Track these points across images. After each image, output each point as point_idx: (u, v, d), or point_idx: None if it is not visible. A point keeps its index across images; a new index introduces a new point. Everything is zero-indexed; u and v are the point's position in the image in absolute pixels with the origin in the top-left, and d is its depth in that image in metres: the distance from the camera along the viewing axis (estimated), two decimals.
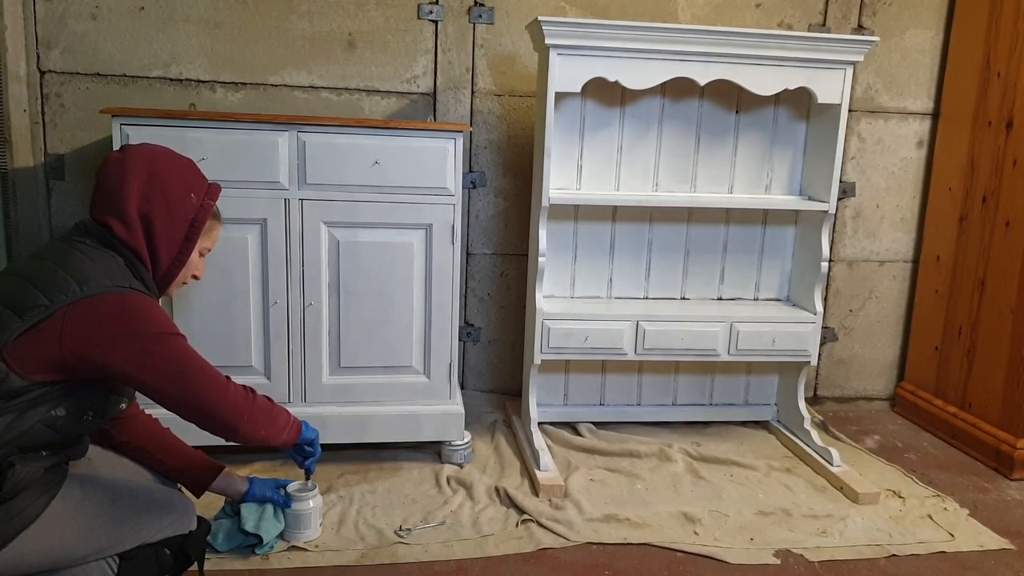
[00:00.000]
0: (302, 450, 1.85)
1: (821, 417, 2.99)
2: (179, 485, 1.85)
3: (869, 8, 2.91)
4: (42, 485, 1.46)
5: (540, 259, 2.48)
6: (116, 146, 2.09)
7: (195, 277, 1.70)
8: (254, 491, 1.93)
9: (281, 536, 1.96)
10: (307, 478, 1.96)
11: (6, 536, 1.40)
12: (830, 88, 2.46)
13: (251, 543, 1.91)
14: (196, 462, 1.86)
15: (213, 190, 1.66)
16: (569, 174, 2.64)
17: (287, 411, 1.71)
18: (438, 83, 2.76)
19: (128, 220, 1.53)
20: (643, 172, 2.67)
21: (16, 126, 2.49)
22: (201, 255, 1.69)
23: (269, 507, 1.92)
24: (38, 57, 2.53)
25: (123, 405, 1.62)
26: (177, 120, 2.15)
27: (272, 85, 2.67)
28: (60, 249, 1.50)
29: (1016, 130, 2.61)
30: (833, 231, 3.04)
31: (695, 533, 2.11)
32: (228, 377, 1.55)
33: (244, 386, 1.59)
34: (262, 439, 1.61)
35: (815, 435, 2.62)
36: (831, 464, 2.48)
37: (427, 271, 2.34)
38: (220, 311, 2.26)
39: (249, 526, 1.89)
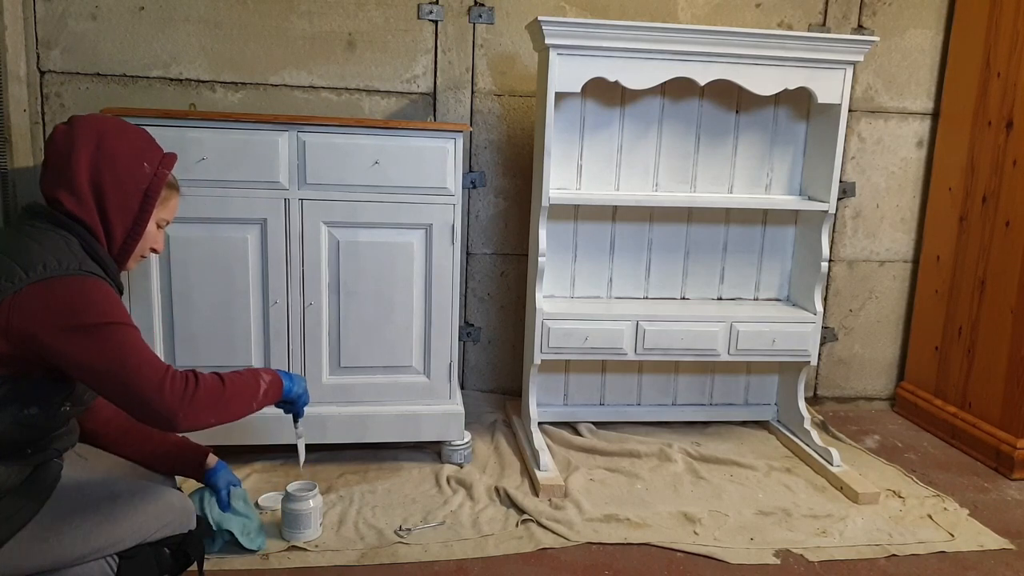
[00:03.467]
0: (286, 406, 1.77)
1: (821, 417, 2.99)
2: (174, 482, 1.84)
3: (869, 8, 2.91)
4: (35, 485, 1.45)
5: (540, 259, 2.48)
6: None
7: (154, 251, 1.65)
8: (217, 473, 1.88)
9: (280, 535, 1.97)
10: (295, 424, 1.85)
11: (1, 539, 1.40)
12: (830, 88, 2.46)
13: (226, 540, 1.88)
14: (186, 446, 1.85)
15: (168, 159, 1.60)
16: (569, 174, 2.64)
17: (255, 381, 1.61)
18: (438, 83, 2.76)
19: (78, 192, 1.48)
20: (643, 172, 2.67)
21: (16, 126, 2.49)
22: (159, 227, 1.64)
23: (213, 500, 1.88)
24: (38, 57, 2.53)
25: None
26: (177, 120, 2.15)
27: (272, 85, 2.67)
28: (6, 235, 1.46)
29: (1016, 130, 2.61)
30: (833, 231, 3.04)
31: (695, 533, 2.11)
32: (168, 368, 1.46)
33: (191, 375, 1.49)
34: (214, 425, 1.53)
35: (815, 435, 2.62)
36: (831, 464, 2.48)
37: (427, 271, 2.34)
38: (220, 311, 2.26)
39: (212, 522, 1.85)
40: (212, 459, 1.90)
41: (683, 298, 2.80)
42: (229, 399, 1.54)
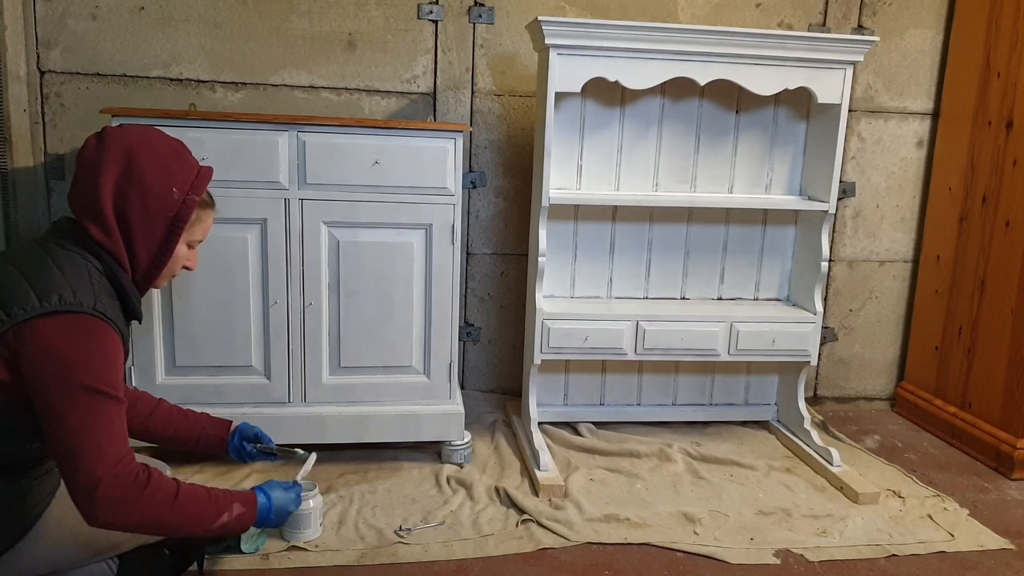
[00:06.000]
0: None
1: (821, 417, 2.99)
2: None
3: (869, 8, 2.91)
4: (34, 494, 1.45)
5: (540, 259, 2.48)
6: None
7: (187, 268, 1.60)
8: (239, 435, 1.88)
9: (281, 535, 1.96)
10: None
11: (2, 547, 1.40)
12: (830, 88, 2.46)
13: (231, 543, 1.88)
14: (207, 424, 1.86)
15: (200, 181, 1.52)
16: (569, 174, 2.64)
17: (217, 511, 1.50)
18: (438, 83, 2.76)
19: (104, 221, 1.43)
20: (643, 172, 2.67)
21: (16, 126, 2.49)
22: (191, 247, 1.58)
23: None
24: (38, 57, 2.53)
25: None
26: (177, 120, 2.15)
27: (272, 85, 2.67)
28: (31, 253, 1.41)
29: (1016, 130, 2.61)
30: (833, 231, 3.04)
31: (695, 533, 2.11)
32: (129, 452, 1.39)
33: (143, 469, 1.40)
34: (136, 531, 1.42)
35: (815, 435, 2.62)
36: (831, 464, 2.48)
37: (427, 271, 2.34)
38: (220, 311, 2.26)
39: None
40: (233, 426, 1.89)
41: (683, 298, 2.80)
42: (170, 515, 1.42)
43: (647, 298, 2.78)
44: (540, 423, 2.71)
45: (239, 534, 1.62)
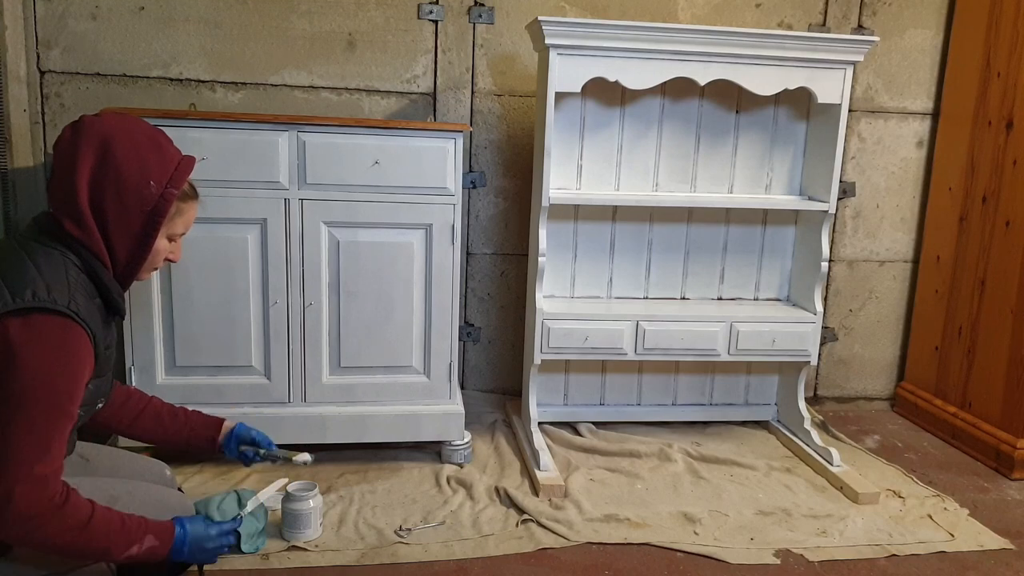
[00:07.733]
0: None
1: (821, 417, 2.99)
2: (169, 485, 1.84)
3: (869, 8, 2.91)
4: None
5: (540, 259, 2.48)
6: None
7: (170, 260, 1.56)
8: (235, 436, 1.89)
9: (281, 535, 1.96)
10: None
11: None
12: (830, 88, 2.46)
13: (231, 543, 1.87)
14: (196, 424, 1.87)
15: (179, 173, 1.47)
16: (569, 174, 2.64)
17: (130, 540, 1.44)
18: (438, 83, 2.76)
19: (80, 217, 1.39)
20: (643, 172, 2.67)
21: (16, 126, 2.49)
22: (172, 240, 1.54)
23: (222, 505, 1.88)
24: (38, 57, 2.53)
25: (100, 404, 1.60)
26: (177, 120, 2.15)
27: (272, 85, 2.67)
28: (9, 249, 1.39)
29: (1016, 130, 2.61)
30: (833, 231, 3.04)
31: (695, 533, 2.11)
32: (60, 469, 1.35)
33: (65, 488, 1.36)
34: (39, 549, 1.39)
35: (815, 435, 2.62)
36: (831, 464, 2.48)
37: (427, 271, 2.34)
38: (220, 311, 2.26)
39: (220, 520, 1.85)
40: (226, 427, 1.90)
41: (683, 298, 2.80)
42: (78, 540, 1.38)
43: (647, 298, 2.78)
44: (540, 423, 2.71)
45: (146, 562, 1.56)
